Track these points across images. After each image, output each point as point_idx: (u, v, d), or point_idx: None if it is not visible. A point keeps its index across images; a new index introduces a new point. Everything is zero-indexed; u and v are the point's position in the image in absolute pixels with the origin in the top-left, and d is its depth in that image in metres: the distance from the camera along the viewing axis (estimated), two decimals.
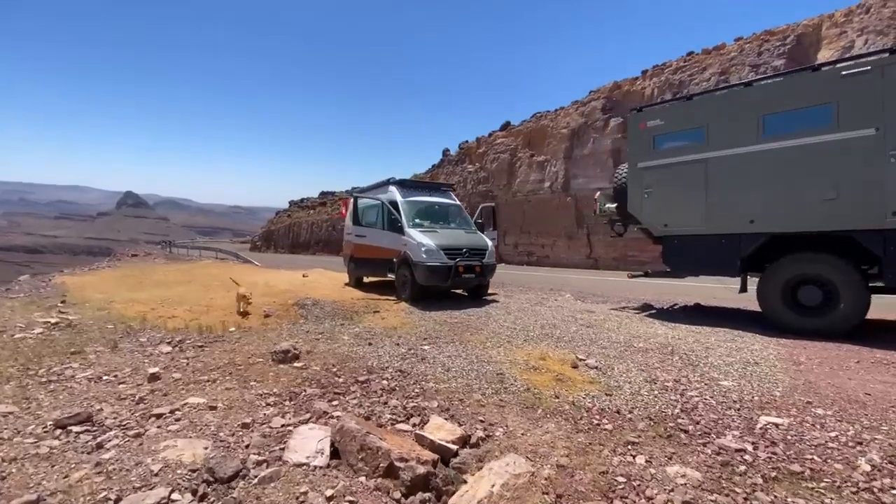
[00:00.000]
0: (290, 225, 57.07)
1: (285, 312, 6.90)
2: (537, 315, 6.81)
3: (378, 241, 8.44)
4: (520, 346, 5.22)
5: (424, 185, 9.33)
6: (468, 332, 5.92)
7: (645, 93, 19.34)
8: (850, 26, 14.46)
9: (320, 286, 10.69)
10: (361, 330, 6.04)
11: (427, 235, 7.70)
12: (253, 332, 5.98)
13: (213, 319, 6.79)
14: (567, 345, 5.24)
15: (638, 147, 6.94)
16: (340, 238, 49.30)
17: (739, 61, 16.67)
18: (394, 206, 8.32)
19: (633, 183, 6.97)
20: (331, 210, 50.05)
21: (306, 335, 5.79)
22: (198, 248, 35.97)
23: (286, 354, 4.67)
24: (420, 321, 6.52)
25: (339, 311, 7.06)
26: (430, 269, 7.34)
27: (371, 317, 6.82)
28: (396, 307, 7.45)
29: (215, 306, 7.79)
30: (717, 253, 6.14)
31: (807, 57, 15.38)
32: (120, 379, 4.15)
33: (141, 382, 4.04)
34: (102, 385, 4.00)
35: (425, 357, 4.76)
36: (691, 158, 6.36)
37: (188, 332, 6.03)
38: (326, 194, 62.82)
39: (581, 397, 3.71)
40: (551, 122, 22.51)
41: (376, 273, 8.73)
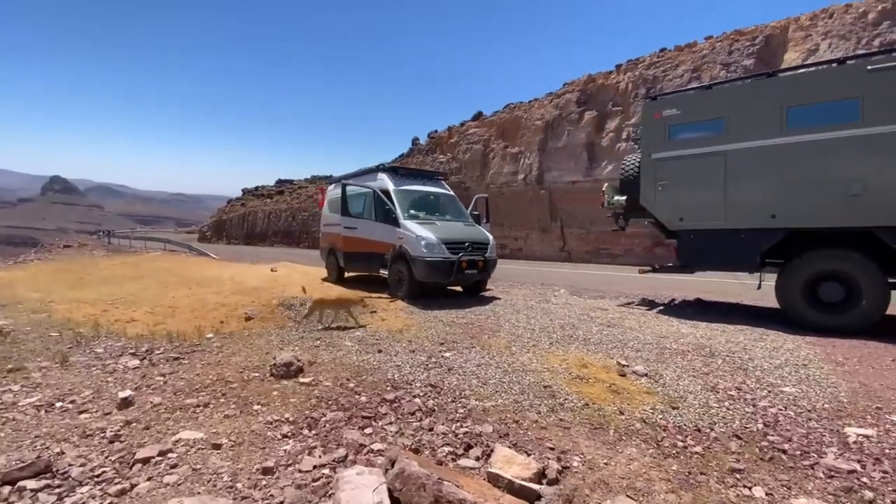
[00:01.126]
0: (244, 214, 54.00)
1: (269, 314, 6.07)
2: (549, 314, 6.39)
3: (370, 233, 7.69)
4: (549, 350, 4.75)
5: (417, 172, 8.65)
6: (484, 334, 5.39)
7: (619, 87, 19.46)
8: (815, 30, 15.08)
9: (295, 282, 9.80)
10: (363, 334, 5.36)
11: (426, 228, 7.06)
12: (236, 339, 5.15)
13: (182, 324, 5.86)
14: (597, 347, 4.84)
15: (652, 137, 6.64)
16: (301, 229, 47.16)
17: (711, 59, 17.05)
18: (386, 195, 7.60)
19: (646, 174, 6.67)
20: (290, 199, 47.74)
21: (301, 342, 5.04)
22: (142, 238, 33.05)
23: (288, 368, 3.94)
24: (426, 322, 5.91)
25: None
26: (431, 265, 6.73)
27: (369, 318, 6.13)
28: (394, 306, 6.79)
29: (181, 307, 6.80)
30: (735, 248, 5.96)
31: (775, 58, 15.94)
32: (80, 406, 3.29)
33: (109, 410, 3.21)
34: (57, 415, 3.13)
35: (451, 367, 4.18)
36: (710, 150, 6.12)
37: (155, 340, 5.11)
38: (284, 182, 59.93)
39: (648, 412, 3.29)
40: (525, 114, 22.27)
41: (369, 269, 8.00)
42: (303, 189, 51.28)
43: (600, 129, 19.72)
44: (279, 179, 62.92)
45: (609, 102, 19.66)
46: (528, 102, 22.74)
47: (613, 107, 19.45)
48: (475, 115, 25.55)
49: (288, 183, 60.41)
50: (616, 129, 19.17)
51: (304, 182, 56.64)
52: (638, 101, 18.70)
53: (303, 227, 42.27)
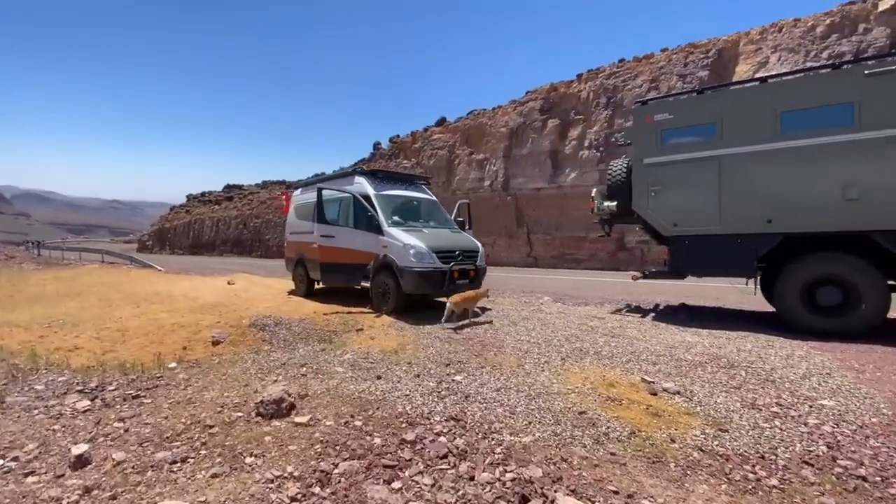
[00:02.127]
0: (189, 222, 50.65)
1: (240, 337, 5.32)
2: (548, 324, 6.07)
3: (349, 242, 7.05)
4: (563, 366, 4.40)
5: (397, 176, 8.11)
6: (488, 351, 4.96)
7: (581, 95, 19.85)
8: (765, 43, 16.04)
9: (259, 297, 8.97)
10: (354, 356, 4.77)
11: (413, 235, 6.55)
12: (205, 369, 4.41)
13: (136, 351, 5.02)
14: (612, 361, 4.54)
15: (643, 142, 6.53)
16: (253, 238, 44.99)
17: (668, 70, 17.75)
18: (367, 200, 7.02)
19: (638, 180, 6.55)
20: (240, 205, 45.23)
21: (284, 369, 4.38)
22: (76, 249, 29.89)
23: (279, 405, 3.32)
24: (421, 340, 5.40)
25: (312, 331, 5.65)
26: (422, 276, 6.22)
27: (356, 337, 5.53)
28: (381, 322, 6.21)
29: (131, 330, 5.88)
30: (731, 253, 5.92)
31: (727, 70, 16.81)
32: (25, 466, 2.57)
33: (62, 472, 2.51)
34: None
35: (467, 393, 3.71)
36: (703, 155, 6.08)
37: (106, 373, 4.28)
38: (233, 188, 56.80)
39: (700, 438, 2.99)
40: (490, 121, 22.25)
41: (348, 281, 7.34)
42: (254, 195, 48.86)
43: (563, 137, 20.02)
44: (228, 185, 59.68)
45: (571, 111, 20.01)
46: (492, 110, 22.76)
47: (576, 115, 19.81)
48: (439, 121, 25.28)
49: (237, 188, 57.39)
50: (579, 137, 19.51)
51: (255, 188, 54.01)
52: (599, 109, 19.16)
53: (255, 236, 40.16)
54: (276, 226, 37.91)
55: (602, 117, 18.76)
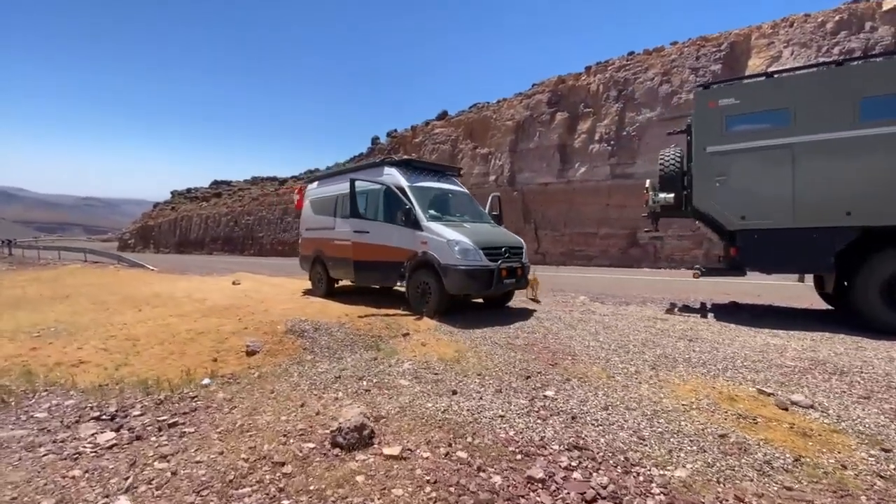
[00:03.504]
0: (175, 219, 49.07)
1: (277, 345, 4.68)
2: (610, 327, 5.56)
3: (385, 238, 6.42)
4: (658, 376, 3.88)
5: (429, 167, 7.50)
6: (563, 358, 4.42)
7: (590, 88, 19.43)
8: (777, 38, 15.79)
9: (273, 298, 8.29)
10: (413, 366, 4.18)
11: (456, 231, 5.97)
12: (246, 385, 3.78)
13: (155, 363, 4.35)
14: (707, 369, 4.05)
15: (706, 129, 6.04)
16: (245, 235, 43.76)
17: (680, 63, 17.42)
18: (401, 193, 6.42)
19: (700, 170, 6.07)
20: (230, 202, 43.88)
21: (340, 384, 3.78)
22: (54, 248, 28.49)
23: (360, 433, 2.73)
24: (478, 346, 4.84)
25: (355, 336, 5.04)
26: (468, 274, 5.65)
27: (405, 343, 4.93)
28: (424, 326, 5.62)
29: (142, 338, 5.20)
30: (806, 248, 5.49)
31: (739, 63, 16.53)
32: None
33: None
34: None
35: (572, 413, 3.17)
36: (774, 143, 5.62)
37: (125, 393, 3.63)
38: (221, 184, 55.16)
39: (871, 462, 2.53)
40: (494, 114, 21.70)
41: (384, 280, 6.70)
42: (244, 191, 47.49)
43: (572, 131, 19.59)
44: (215, 181, 57.97)
45: (580, 104, 19.59)
46: (496, 103, 22.21)
47: (585, 108, 19.39)
48: (440, 115, 24.65)
49: (225, 184, 55.77)
50: (588, 131, 19.10)
51: (245, 183, 52.52)
52: (610, 102, 18.77)
53: (247, 233, 38.99)
54: (270, 223, 36.86)
55: (613, 111, 18.36)
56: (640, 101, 17.95)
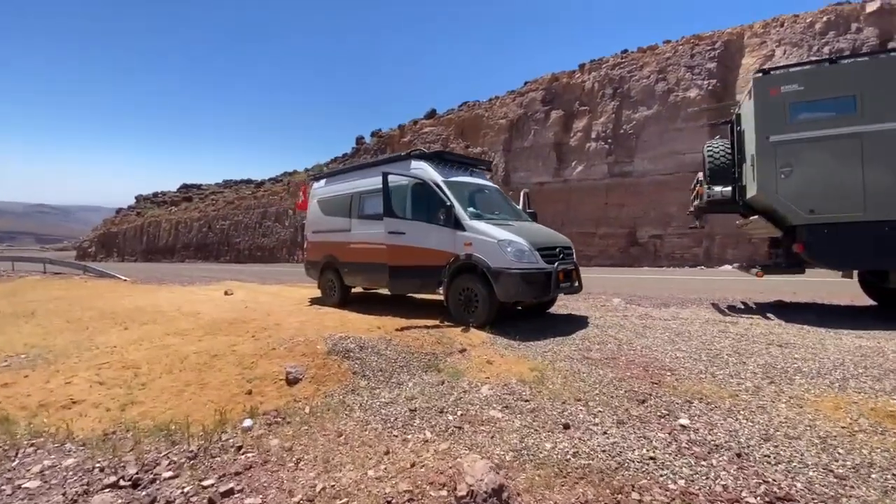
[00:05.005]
0: (141, 226, 46.40)
1: (322, 370, 3.87)
2: (685, 335, 4.99)
3: (422, 239, 5.66)
4: (782, 391, 3.32)
5: (460, 160, 6.79)
6: (661, 374, 3.82)
7: (585, 86, 19.18)
8: (769, 37, 15.91)
9: (278, 309, 7.45)
10: (493, 392, 3.49)
11: (506, 230, 5.32)
12: (301, 426, 3.00)
13: (171, 399, 3.51)
14: (831, 380, 3.52)
15: (768, 117, 5.61)
16: (221, 241, 41.78)
17: (675, 62, 17.36)
18: (435, 188, 5.72)
19: (763, 161, 5.63)
20: (202, 206, 41.73)
21: (419, 419, 3.05)
22: (6, 259, 26.10)
23: (499, 499, 2.03)
24: (552, 363, 4.18)
25: (407, 355, 4.28)
26: (524, 278, 4.99)
27: (466, 362, 4.22)
28: (476, 339, 4.92)
29: (144, 366, 4.31)
30: (878, 242, 5.12)
31: (734, 62, 16.59)
32: None
33: None
34: None
35: (732, 448, 2.55)
36: (842, 132, 5.24)
37: (142, 444, 2.80)
38: (191, 187, 52.50)
39: None
40: (486, 112, 21.19)
41: (422, 287, 5.91)
42: (217, 195, 45.33)
43: (568, 129, 19.28)
44: (184, 184, 55.19)
45: (575, 102, 19.31)
46: (488, 101, 21.72)
47: (580, 106, 19.12)
48: (429, 113, 23.97)
49: (195, 188, 53.17)
50: (584, 129, 18.83)
51: (217, 187, 50.19)
52: (605, 100, 18.56)
53: (223, 239, 37.12)
54: (248, 228, 35.19)
55: (609, 108, 18.14)
56: (637, 99, 17.80)
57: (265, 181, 43.07)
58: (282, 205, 33.70)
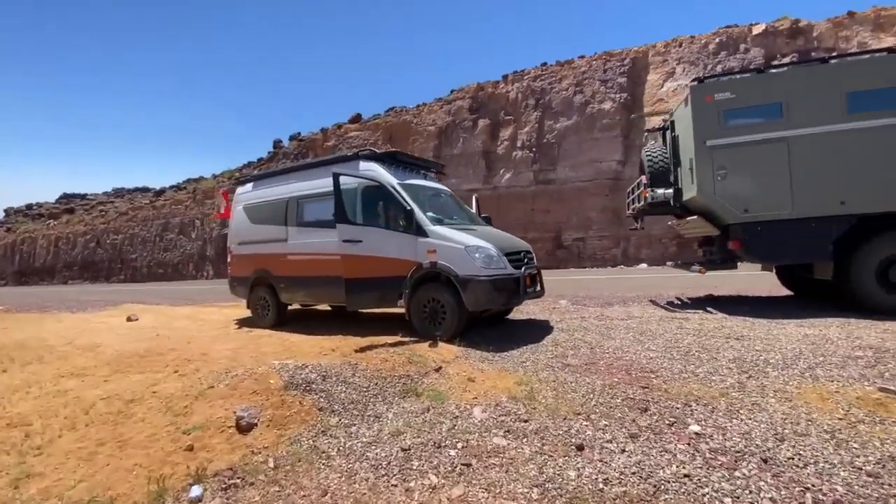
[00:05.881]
0: (12, 243, 39.12)
1: (281, 409, 3.21)
2: (649, 333, 5.03)
3: (381, 248, 5.09)
4: (767, 387, 3.38)
5: (413, 161, 6.32)
6: (647, 377, 3.73)
7: (509, 96, 19.76)
8: (670, 56, 17.65)
9: (198, 334, 6.55)
10: (487, 414, 3.14)
11: (470, 235, 5.00)
12: (268, 485, 2.39)
13: (81, 466, 2.67)
14: (800, 370, 3.67)
15: (704, 122, 5.98)
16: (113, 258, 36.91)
17: (590, 75, 18.55)
18: (389, 192, 5.25)
19: (701, 163, 5.97)
20: (88, 218, 36.13)
21: (416, 459, 2.60)
22: None
23: None
24: (539, 373, 3.94)
25: (379, 381, 3.75)
26: (494, 285, 4.70)
27: (445, 381, 3.81)
28: (448, 353, 4.52)
29: (34, 420, 3.34)
30: (806, 237, 5.64)
31: (640, 78, 18.13)
32: None
33: None
34: None
35: (754, 454, 2.47)
36: (771, 136, 5.74)
37: None
38: (72, 197, 45.27)
39: None
40: (415, 118, 20.95)
41: (381, 301, 5.29)
42: (106, 205, 39.64)
43: (495, 138, 19.69)
44: (64, 194, 47.50)
45: (501, 111, 19.80)
46: (415, 107, 21.50)
47: (505, 115, 19.65)
48: (353, 118, 23.11)
49: (78, 198, 46.04)
50: (511, 138, 19.36)
51: (105, 196, 43.89)
52: (529, 110, 19.26)
53: (115, 256, 32.47)
54: (146, 242, 31.13)
55: (532, 118, 18.85)
56: (557, 110, 18.72)
57: (166, 189, 38.63)
58: (187, 214, 30.39)
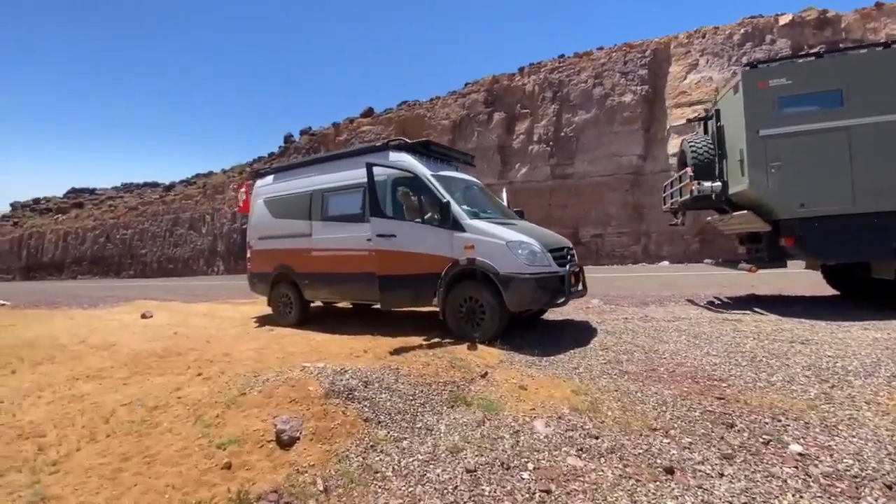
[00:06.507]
0: (20, 238, 39.34)
1: (324, 421, 2.90)
2: (703, 336, 4.68)
3: (416, 243, 4.78)
4: (856, 397, 3.04)
5: (444, 152, 5.99)
6: (717, 386, 3.40)
7: (525, 89, 19.33)
8: (693, 47, 17.10)
9: (217, 332, 6.32)
10: (552, 429, 2.82)
11: (511, 230, 4.68)
12: None
13: (103, 486, 2.39)
14: (885, 378, 3.34)
15: (757, 110, 5.59)
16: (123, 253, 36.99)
17: (609, 67, 18.06)
18: (422, 184, 4.93)
19: (753, 155, 5.58)
20: (97, 213, 36.19)
21: (486, 482, 2.30)
22: None
23: None
24: (597, 381, 3.62)
25: (424, 387, 3.45)
26: (539, 284, 4.38)
27: (492, 388, 3.50)
28: (490, 357, 4.20)
29: (48, 430, 3.08)
30: (866, 235, 5.26)
31: (662, 70, 17.61)
32: None
33: None
34: None
35: (877, 479, 2.14)
36: (831, 125, 5.34)
37: None
38: (81, 192, 45.44)
39: None
40: (429, 112, 20.59)
41: (416, 299, 4.98)
42: (116, 200, 39.72)
43: (510, 132, 19.29)
44: (73, 188, 47.69)
45: (517, 104, 19.38)
46: (429, 101, 21.12)
47: (522, 109, 19.22)
48: (365, 112, 22.80)
49: (87, 192, 46.21)
50: (527, 132, 18.94)
51: (115, 191, 44.00)
52: (546, 103, 18.82)
53: (124, 251, 32.50)
54: (156, 237, 31.09)
55: (550, 112, 18.42)
56: (575, 103, 18.26)
57: (175, 183, 38.61)
58: (197, 209, 30.29)
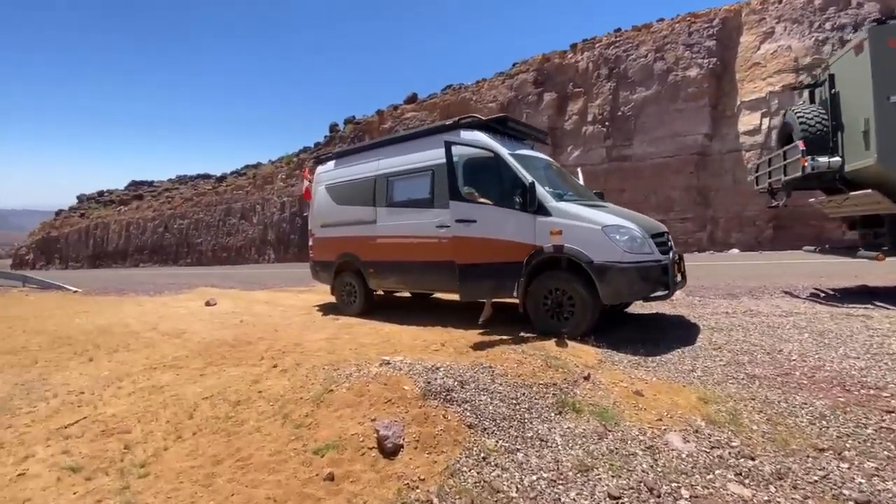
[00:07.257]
0: (87, 228, 42.24)
1: (425, 426, 2.61)
2: (830, 334, 4.06)
3: (497, 229, 4.38)
4: None
5: (522, 129, 5.54)
6: (880, 396, 2.83)
7: (578, 67, 18.32)
8: (768, 14, 15.53)
9: (282, 321, 6.22)
10: (694, 446, 2.39)
11: (604, 212, 4.21)
12: None
13: (198, 495, 2.16)
14: None
15: (888, 74, 4.76)
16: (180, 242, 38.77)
17: (672, 40, 16.75)
18: (499, 164, 4.52)
19: (883, 125, 4.78)
20: (156, 204, 38.27)
21: None
22: None
23: None
24: (724, 387, 3.13)
25: (524, 389, 3.09)
26: (640, 274, 3.90)
27: (602, 394, 3.08)
28: (587, 356, 3.78)
29: (132, 426, 2.94)
30: None
31: (732, 40, 16.15)
32: None
33: None
34: None
35: None
36: None
37: None
38: (141, 184, 48.22)
39: None
40: (474, 95, 20.00)
41: (496, 290, 4.57)
42: (172, 191, 41.78)
43: (562, 112, 18.40)
44: (133, 181, 50.67)
45: (569, 83, 18.43)
46: (475, 84, 20.51)
47: (574, 88, 18.26)
48: (409, 98, 22.53)
49: (146, 185, 48.95)
50: (580, 112, 18.00)
51: (170, 183, 46.33)
52: (601, 81, 17.78)
53: (181, 240, 34.14)
54: (210, 227, 32.45)
55: (605, 90, 17.37)
56: (634, 80, 17.11)
57: (227, 175, 40.11)
58: (248, 199, 31.29)
